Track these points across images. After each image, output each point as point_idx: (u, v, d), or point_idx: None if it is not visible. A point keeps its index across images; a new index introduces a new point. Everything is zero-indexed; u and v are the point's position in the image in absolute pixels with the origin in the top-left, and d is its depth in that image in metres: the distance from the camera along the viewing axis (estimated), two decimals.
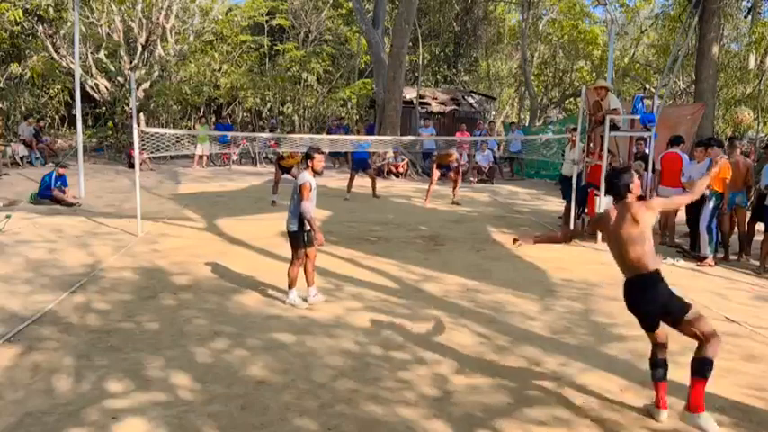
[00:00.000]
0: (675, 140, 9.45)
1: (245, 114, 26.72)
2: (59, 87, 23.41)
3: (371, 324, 5.56)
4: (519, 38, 27.02)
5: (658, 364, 3.98)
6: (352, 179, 13.32)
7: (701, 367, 3.66)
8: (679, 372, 4.69)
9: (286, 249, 8.28)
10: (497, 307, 6.14)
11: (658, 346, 3.98)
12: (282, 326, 5.44)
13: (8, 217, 8.57)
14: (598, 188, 9.40)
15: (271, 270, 7.25)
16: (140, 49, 19.08)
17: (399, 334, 5.34)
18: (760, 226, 8.47)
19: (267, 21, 24.62)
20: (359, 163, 13.43)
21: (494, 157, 17.33)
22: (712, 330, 3.70)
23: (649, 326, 3.91)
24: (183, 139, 10.17)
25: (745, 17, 22.82)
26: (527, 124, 26.15)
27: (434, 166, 13.20)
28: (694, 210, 8.53)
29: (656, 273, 3.80)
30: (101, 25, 18.94)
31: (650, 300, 3.80)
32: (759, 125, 23.03)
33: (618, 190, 4.01)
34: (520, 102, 32.07)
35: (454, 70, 28.03)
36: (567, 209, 10.28)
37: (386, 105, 18.07)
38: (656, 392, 4.00)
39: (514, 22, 30.20)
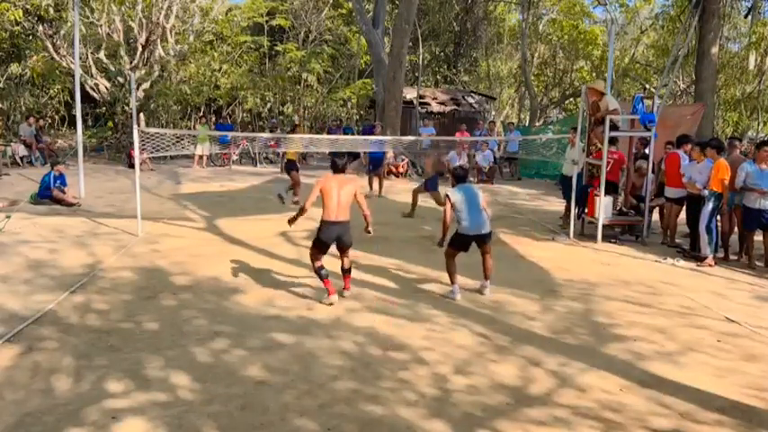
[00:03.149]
0: (680, 140, 9.47)
1: (245, 114, 26.72)
2: (59, 87, 23.41)
3: (371, 324, 5.56)
4: (519, 38, 27.03)
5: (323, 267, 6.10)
6: (371, 179, 13.41)
7: (349, 270, 6.31)
8: (679, 372, 4.71)
9: (286, 249, 8.33)
10: (497, 307, 6.14)
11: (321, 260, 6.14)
12: (282, 326, 5.44)
13: (8, 217, 8.56)
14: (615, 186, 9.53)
15: (271, 270, 7.26)
16: (140, 49, 19.06)
17: (399, 334, 5.34)
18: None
19: (267, 21, 24.62)
20: (375, 162, 13.43)
21: (494, 158, 17.32)
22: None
23: (326, 248, 6.12)
24: (183, 139, 10.16)
25: (745, 17, 22.83)
26: (527, 124, 26.15)
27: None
28: (694, 210, 8.54)
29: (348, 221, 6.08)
30: (101, 25, 18.92)
31: (341, 234, 6.03)
32: (759, 125, 23.05)
33: (340, 165, 6.17)
34: (520, 102, 32.08)
35: (454, 70, 28.04)
36: (568, 209, 10.29)
37: (386, 105, 18.06)
38: (327, 286, 6.00)
39: (514, 22, 30.21)
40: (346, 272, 6.29)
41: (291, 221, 6.37)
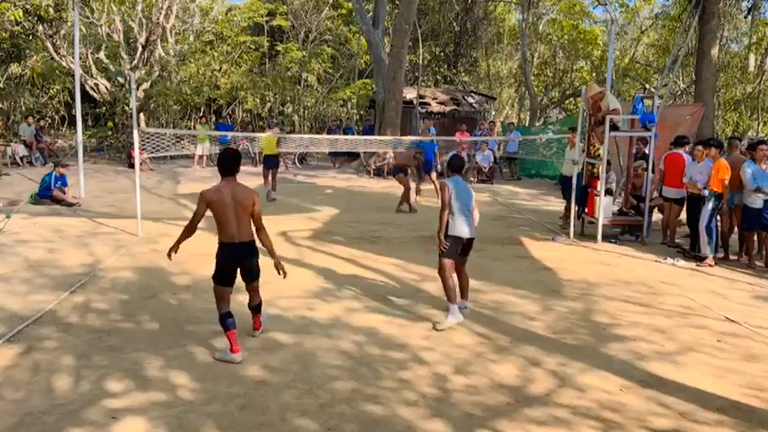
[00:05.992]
0: (679, 141, 9.47)
1: (244, 114, 26.72)
2: (59, 87, 23.41)
3: (371, 324, 5.55)
4: (519, 38, 27.03)
5: (231, 315, 4.88)
6: (419, 185, 12.22)
7: (258, 307, 5.23)
8: (679, 372, 4.70)
9: (285, 249, 8.31)
10: (497, 307, 6.14)
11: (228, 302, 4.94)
12: (282, 326, 5.44)
13: (8, 217, 8.57)
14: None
15: (270, 270, 7.24)
16: (140, 49, 19.07)
17: (399, 334, 5.34)
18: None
19: (267, 21, 24.63)
20: (428, 165, 12.54)
21: (494, 158, 17.33)
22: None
23: (229, 281, 4.99)
24: (183, 139, 10.16)
25: (746, 17, 22.83)
26: (527, 124, 26.15)
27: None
28: (694, 210, 8.54)
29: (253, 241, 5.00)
30: (101, 25, 18.94)
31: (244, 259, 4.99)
32: (759, 125, 23.04)
33: (231, 168, 4.96)
34: (520, 102, 32.08)
35: (454, 70, 28.03)
36: (568, 208, 10.29)
37: (386, 105, 18.07)
38: (231, 339, 4.77)
39: (514, 22, 30.21)
40: (255, 310, 5.24)
41: (172, 250, 5.28)
